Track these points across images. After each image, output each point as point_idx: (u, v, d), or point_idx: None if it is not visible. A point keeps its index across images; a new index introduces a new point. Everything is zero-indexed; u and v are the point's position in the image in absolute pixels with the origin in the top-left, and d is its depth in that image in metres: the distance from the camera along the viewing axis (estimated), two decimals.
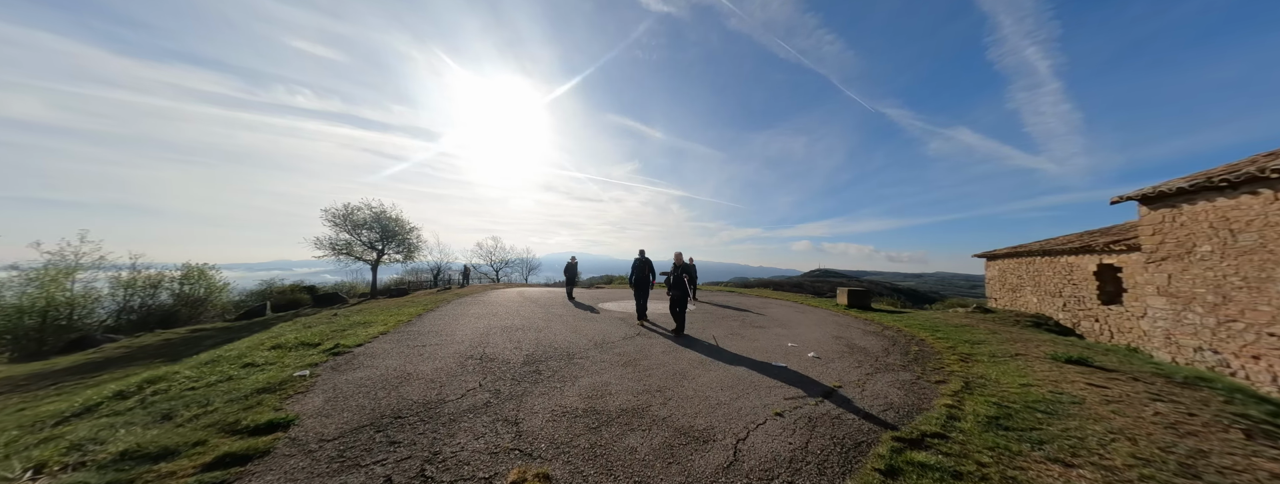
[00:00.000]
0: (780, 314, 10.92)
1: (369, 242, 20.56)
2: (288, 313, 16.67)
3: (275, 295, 18.93)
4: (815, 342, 7.39)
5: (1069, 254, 12.45)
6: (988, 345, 7.29)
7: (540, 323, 8.83)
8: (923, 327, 9.33)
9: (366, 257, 20.66)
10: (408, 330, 8.14)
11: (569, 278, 14.48)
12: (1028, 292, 13.95)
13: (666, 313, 10.23)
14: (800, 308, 12.54)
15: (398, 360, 5.93)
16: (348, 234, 20.06)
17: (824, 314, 11.13)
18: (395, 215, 21.08)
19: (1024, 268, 14.17)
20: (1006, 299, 14.93)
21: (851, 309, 12.66)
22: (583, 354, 6.19)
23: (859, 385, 4.91)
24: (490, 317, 9.60)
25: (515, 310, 10.68)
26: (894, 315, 11.34)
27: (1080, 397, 4.52)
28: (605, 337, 7.48)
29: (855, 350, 6.76)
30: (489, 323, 8.80)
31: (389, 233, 20.87)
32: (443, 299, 13.83)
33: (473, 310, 10.71)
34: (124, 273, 15.85)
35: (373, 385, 4.83)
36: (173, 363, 7.81)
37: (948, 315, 11.70)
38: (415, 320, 9.30)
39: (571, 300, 13.67)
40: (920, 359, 6.29)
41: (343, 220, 19.86)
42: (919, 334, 8.42)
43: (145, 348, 11.89)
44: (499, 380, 4.93)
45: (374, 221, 20.34)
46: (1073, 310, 12.24)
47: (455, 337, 7.47)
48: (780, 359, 6.03)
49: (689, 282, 16.42)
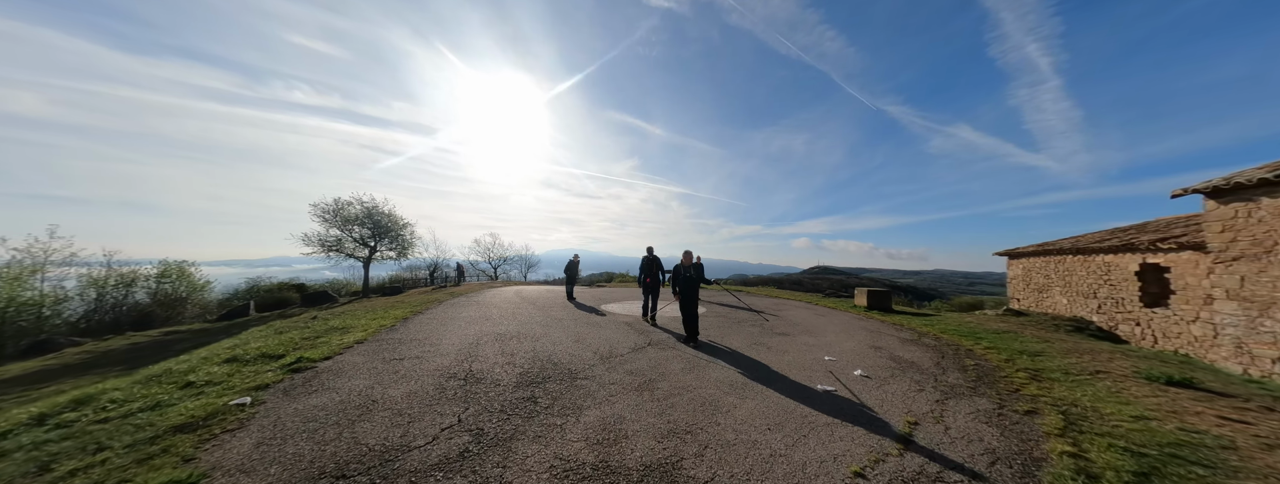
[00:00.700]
0: (800, 318, 9.87)
1: (360, 238, 19.40)
2: (272, 313, 15.56)
3: (262, 294, 17.80)
4: (853, 354, 6.34)
5: (1106, 253, 11.43)
6: (1050, 358, 6.26)
7: (538, 329, 7.76)
8: (960, 332, 8.31)
9: (358, 254, 19.51)
10: (388, 338, 7.06)
11: (569, 276, 13.42)
12: (1056, 292, 12.95)
13: (676, 316, 9.18)
14: (818, 310, 11.50)
15: (366, 380, 4.86)
16: (338, 230, 18.90)
17: (846, 318, 10.09)
18: (388, 211, 19.93)
19: (1052, 267, 13.15)
20: (1031, 300, 13.92)
21: (872, 311, 11.63)
22: (587, 372, 5.12)
23: (936, 419, 3.87)
24: (483, 321, 8.52)
25: (511, 313, 9.61)
26: (921, 319, 10.31)
27: (1227, 439, 3.48)
28: (612, 347, 6.42)
29: (904, 366, 5.71)
30: (480, 329, 7.72)
31: (381, 229, 19.70)
32: (435, 299, 12.75)
33: (464, 313, 9.63)
34: (98, 269, 14.69)
35: (324, 419, 3.76)
36: (131, 372, 6.75)
37: (978, 319, 10.68)
38: (400, 325, 8.22)
39: (572, 301, 12.59)
40: (985, 378, 5.24)
41: (333, 216, 18.70)
42: (962, 342, 7.40)
43: (109, 353, 10.75)
44: (484, 413, 3.86)
45: (365, 217, 19.17)
46: (1109, 313, 11.24)
47: (440, 347, 6.40)
48: (824, 379, 4.98)
49: None
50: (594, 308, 10.80)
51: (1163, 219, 13.17)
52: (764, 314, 10.35)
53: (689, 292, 7.09)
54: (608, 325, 8.27)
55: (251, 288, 18.28)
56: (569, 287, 13.29)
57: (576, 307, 10.99)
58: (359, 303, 15.18)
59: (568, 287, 13.31)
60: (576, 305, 11.27)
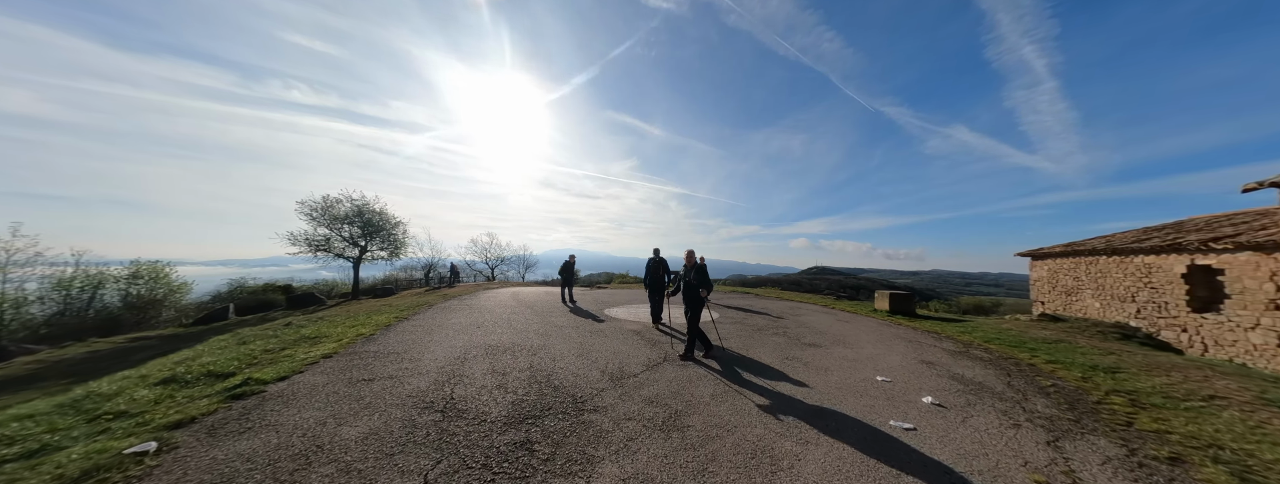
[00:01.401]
0: (822, 324, 8.87)
1: (350, 238, 18.26)
2: (252, 317, 14.43)
3: (244, 296, 16.64)
4: (906, 372, 5.34)
5: (1147, 253, 10.50)
6: (1133, 377, 5.28)
7: (535, 339, 6.71)
8: (1005, 342, 7.33)
9: (348, 254, 18.37)
10: (362, 351, 6.00)
11: (566, 278, 12.37)
12: (1087, 295, 12.02)
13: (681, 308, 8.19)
14: (838, 315, 10.50)
15: (319, 411, 3.81)
16: (327, 229, 17.75)
17: (873, 324, 9.10)
18: (379, 209, 18.78)
19: (1082, 268, 12.22)
20: (1058, 303, 13.00)
21: (896, 316, 10.65)
22: (596, 400, 4.09)
23: (1067, 474, 2.86)
24: (474, 329, 7.46)
25: (506, 319, 8.56)
26: (954, 325, 9.34)
27: None
28: (622, 363, 5.38)
29: (974, 389, 4.71)
30: (470, 339, 6.67)
31: (372, 228, 18.57)
32: (426, 303, 11.67)
33: (455, 319, 8.56)
34: (67, 269, 13.50)
35: (243, 480, 2.72)
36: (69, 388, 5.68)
37: (1017, 325, 9.70)
38: (380, 334, 7.16)
39: (569, 304, 11.55)
40: (1079, 406, 4.25)
41: (321, 214, 17.56)
42: (1017, 355, 6.41)
43: (62, 362, 9.59)
44: (460, 470, 2.82)
45: (355, 216, 18.03)
46: (1149, 318, 10.31)
47: (421, 363, 5.34)
48: (892, 410, 3.97)
49: None
50: (595, 314, 9.75)
51: (1200, 218, 12.29)
52: (783, 319, 9.35)
53: (689, 299, 5.93)
54: (614, 334, 7.24)
55: (234, 289, 17.12)
56: (566, 289, 12.25)
57: (576, 311, 9.95)
58: (346, 306, 14.07)
59: (564, 289, 12.27)
60: (576, 309, 10.23)
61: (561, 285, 12.42)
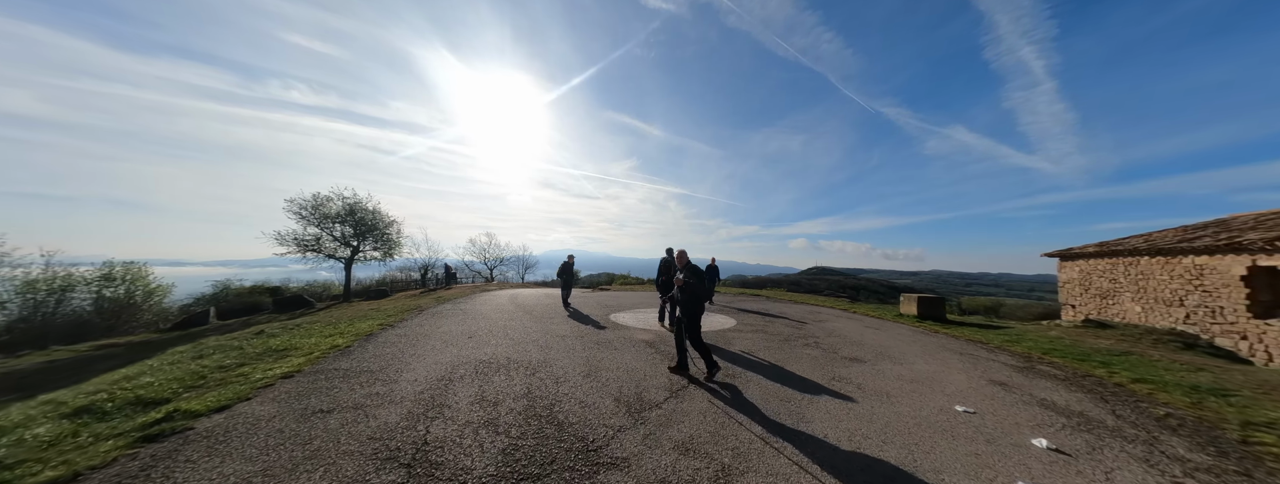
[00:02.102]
0: (853, 332, 7.91)
1: (342, 237, 17.23)
2: (234, 321, 13.41)
3: (229, 299, 15.62)
4: (980, 397, 4.37)
5: (1200, 254, 9.56)
6: (1255, 402, 4.32)
7: (534, 352, 5.73)
8: (1065, 353, 6.38)
9: (339, 254, 17.34)
10: (331, 368, 5.01)
11: (564, 281, 11.38)
12: (1126, 298, 11.08)
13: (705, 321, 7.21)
14: (864, 321, 9.54)
15: (247, 464, 2.82)
16: (317, 228, 16.73)
17: (909, 332, 8.15)
18: (372, 207, 17.76)
19: (1120, 270, 11.28)
20: (1092, 306, 12.06)
21: (926, 321, 9.70)
22: (613, 446, 3.10)
23: None
24: (465, 340, 6.47)
25: (502, 326, 7.57)
26: (994, 332, 8.39)
27: None
28: (639, 387, 4.40)
29: (1082, 423, 3.74)
30: (460, 352, 5.68)
31: (365, 227, 17.55)
32: (417, 306, 10.68)
33: (445, 326, 7.57)
34: (33, 269, 12.46)
35: None
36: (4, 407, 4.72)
37: (1067, 333, 8.73)
38: (357, 345, 6.18)
39: (569, 307, 10.59)
40: (1224, 447, 3.29)
41: (311, 212, 16.54)
42: (1091, 370, 5.46)
43: (13, 375, 8.55)
44: None
45: (347, 214, 17.00)
46: (1201, 323, 9.37)
47: (396, 387, 4.35)
48: (1004, 463, 3.00)
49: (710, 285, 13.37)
50: (600, 319, 8.76)
51: (1246, 215, 11.38)
52: (806, 326, 8.37)
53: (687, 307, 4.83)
54: (624, 346, 6.24)
55: (219, 292, 16.08)
56: (565, 292, 11.27)
57: (578, 317, 8.95)
58: (333, 310, 13.07)
59: (563, 291, 11.29)
60: (577, 315, 9.23)
61: (560, 287, 11.44)
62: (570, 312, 9.87)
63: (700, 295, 4.92)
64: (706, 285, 14.27)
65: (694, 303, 4.78)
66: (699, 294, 4.88)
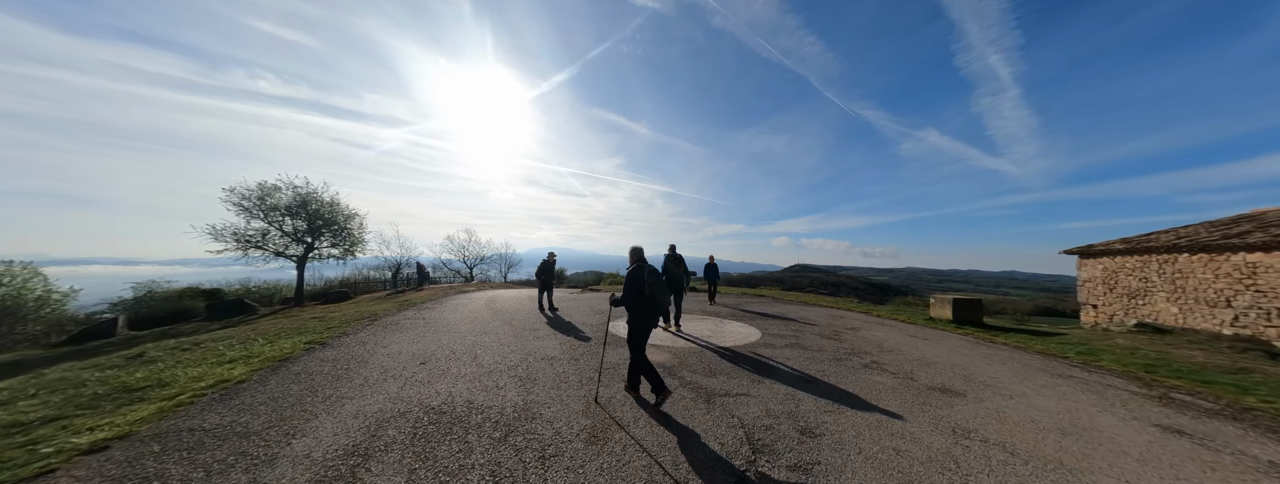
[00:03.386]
0: (906, 346, 6.40)
1: (294, 232, 14.76)
2: (149, 332, 10.95)
3: (153, 304, 13.00)
4: (1187, 465, 2.85)
5: (1253, 250, 8.53)
6: None
7: (511, 390, 3.91)
8: (1181, 374, 5.04)
9: (290, 252, 14.87)
10: (184, 428, 3.08)
11: (544, 281, 9.49)
12: (1160, 298, 10.07)
13: (704, 321, 5.54)
14: (900, 327, 8.08)
15: None
16: (263, 222, 14.22)
17: (970, 345, 6.70)
18: (329, 199, 15.30)
19: (1154, 268, 10.27)
20: (1118, 307, 11.05)
21: (966, 326, 8.35)
22: None
23: None
24: (415, 367, 4.57)
25: (471, 343, 5.68)
26: (1053, 341, 7.06)
27: None
28: (691, 467, 2.69)
29: None
30: (399, 393, 3.80)
31: (322, 221, 15.12)
32: (372, 314, 8.63)
33: (396, 343, 5.62)
34: None
35: None
36: None
37: (1138, 342, 7.47)
38: (255, 379, 4.21)
39: (549, 312, 8.81)
40: None
41: (257, 204, 14.02)
42: (1239, 398, 4.08)
43: None
44: None
45: (299, 206, 14.54)
46: (1253, 326, 8.35)
47: (269, 473, 2.49)
48: None
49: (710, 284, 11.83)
50: (594, 329, 6.95)
51: (1274, 210, 10.57)
52: (842, 335, 6.82)
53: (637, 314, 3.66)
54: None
55: (142, 295, 13.41)
56: (544, 293, 9.43)
57: (566, 327, 7.12)
58: (276, 317, 10.79)
59: (543, 294, 9.45)
60: (563, 323, 7.39)
61: (540, 289, 9.54)
62: (552, 317, 8.03)
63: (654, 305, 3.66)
64: (710, 286, 12.70)
65: (641, 314, 3.61)
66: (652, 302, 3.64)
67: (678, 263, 7.88)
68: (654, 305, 3.60)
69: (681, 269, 7.95)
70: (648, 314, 3.57)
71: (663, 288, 3.66)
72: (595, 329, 6.96)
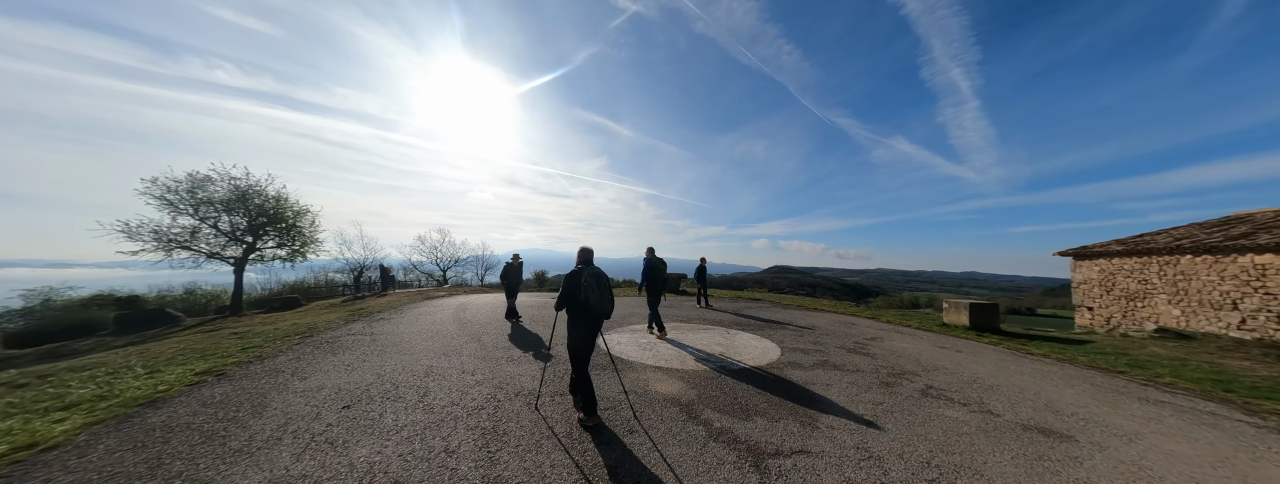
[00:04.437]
0: (946, 361, 5.46)
1: (231, 231, 12.69)
2: (29, 352, 8.83)
3: (52, 314, 10.73)
4: None
5: (1261, 252, 8.17)
6: None
7: (466, 457, 2.60)
8: (1231, 385, 4.29)
9: (228, 253, 12.77)
10: None
11: (509, 286, 7.99)
12: (1160, 301, 9.70)
13: (709, 332, 4.41)
14: (926, 338, 7.21)
15: None
16: (193, 218, 12.11)
17: (1012, 358, 5.84)
18: (274, 193, 13.27)
19: (1154, 270, 9.91)
20: (1115, 309, 10.69)
21: (986, 334, 7.58)
22: None
23: None
24: (335, 414, 3.17)
25: (426, 368, 4.29)
26: (1088, 351, 6.33)
27: None
28: None
29: None
30: (292, 465, 2.44)
31: (266, 218, 13.09)
32: (313, 326, 7.04)
33: (323, 371, 4.15)
34: None
35: None
36: None
37: (1168, 348, 6.84)
38: (106, 429, 2.74)
39: (513, 319, 7.52)
40: None
41: (184, 197, 11.90)
42: None
43: None
44: None
45: (236, 201, 12.49)
46: (1262, 329, 7.97)
47: None
48: None
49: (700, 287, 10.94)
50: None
51: (1268, 210, 10.47)
52: (867, 347, 5.83)
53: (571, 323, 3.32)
54: (660, 426, 3.28)
55: (36, 305, 11.08)
56: (511, 300, 7.97)
57: (542, 345, 5.80)
58: (194, 333, 8.92)
59: (509, 300, 7.97)
60: (535, 338, 6.06)
61: (506, 295, 8.06)
62: (513, 328, 6.67)
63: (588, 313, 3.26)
64: (701, 288, 11.65)
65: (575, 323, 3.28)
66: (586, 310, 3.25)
67: (658, 267, 6.88)
68: (588, 313, 3.21)
69: (662, 273, 6.92)
70: (581, 324, 3.23)
71: (600, 294, 3.26)
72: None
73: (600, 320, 3.29)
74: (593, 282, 3.24)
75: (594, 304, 3.20)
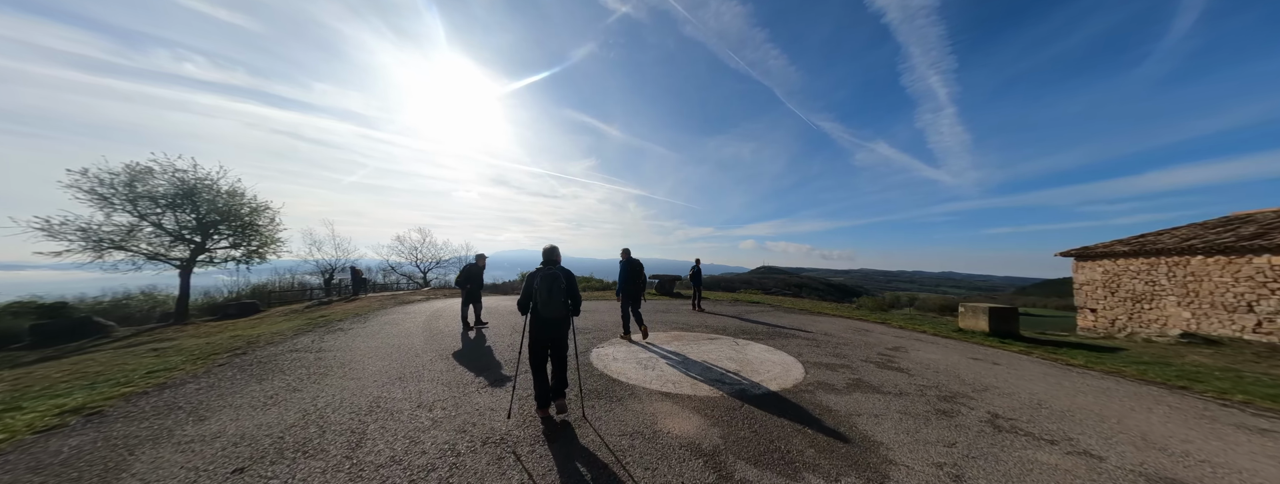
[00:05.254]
0: (991, 377, 4.74)
1: (176, 230, 11.27)
2: None
3: None
4: None
5: (1278, 253, 7.81)
6: None
7: None
8: None
9: (173, 254, 11.34)
10: None
11: (469, 291, 6.80)
12: (1169, 303, 9.33)
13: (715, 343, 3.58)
14: (955, 346, 6.52)
15: None
16: (131, 215, 10.67)
17: (1053, 371, 5.17)
18: (227, 188, 11.88)
19: (1163, 270, 9.54)
20: (1120, 311, 10.32)
21: (1009, 341, 6.96)
22: None
23: None
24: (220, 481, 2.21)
25: (371, 401, 3.27)
26: (1123, 360, 5.73)
27: None
28: None
29: None
30: None
31: (217, 215, 11.69)
32: (253, 340, 5.91)
33: (232, 407, 3.09)
34: None
35: None
36: None
37: (1203, 356, 6.30)
38: None
39: (472, 328, 6.65)
40: None
41: (119, 191, 10.46)
42: None
43: None
44: None
45: (182, 197, 11.08)
46: (1279, 332, 7.63)
47: None
48: None
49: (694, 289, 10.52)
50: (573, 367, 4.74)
51: (1268, 210, 10.27)
52: (893, 360, 5.09)
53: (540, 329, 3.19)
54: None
55: None
56: (468, 307, 6.83)
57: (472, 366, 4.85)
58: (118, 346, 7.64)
59: (466, 309, 6.82)
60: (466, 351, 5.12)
61: (463, 301, 6.89)
62: (491, 341, 5.70)
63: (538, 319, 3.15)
64: (696, 290, 10.85)
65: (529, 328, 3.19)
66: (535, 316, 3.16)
67: (634, 268, 6.31)
68: (536, 318, 3.17)
69: (639, 275, 6.38)
70: (532, 328, 3.18)
71: (549, 297, 3.15)
72: (578, 357, 4.76)
73: (554, 326, 3.14)
74: (544, 283, 3.10)
75: (541, 307, 3.09)
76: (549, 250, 3.43)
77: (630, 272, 6.28)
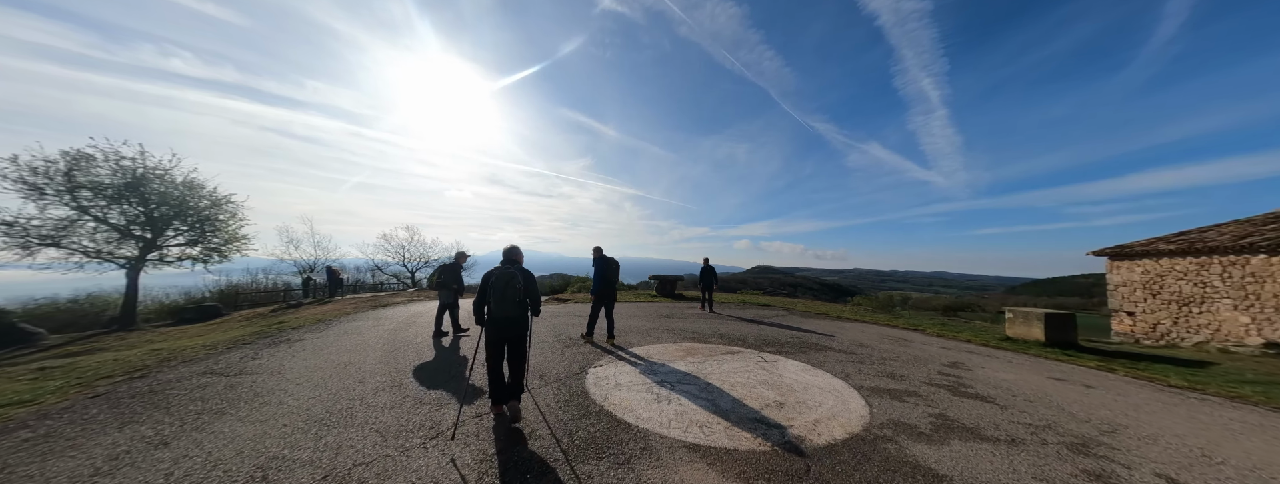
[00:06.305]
0: (1098, 409, 3.68)
1: (122, 224, 9.97)
2: None
3: None
4: None
5: None
6: None
7: None
8: None
9: (120, 252, 10.04)
10: None
11: (454, 289, 5.94)
12: (1222, 307, 8.38)
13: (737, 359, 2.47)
14: (1022, 362, 5.47)
15: None
16: (72, 208, 9.37)
17: (1161, 396, 4.14)
18: (182, 178, 10.58)
19: (1216, 271, 8.59)
20: (1164, 315, 9.37)
21: (1072, 353, 5.93)
22: None
23: None
24: None
25: (250, 472, 2.15)
26: (1213, 375, 4.71)
27: None
28: None
29: None
30: None
31: (170, 209, 10.39)
32: (190, 351, 4.71)
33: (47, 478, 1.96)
34: None
35: None
36: None
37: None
38: None
39: (447, 334, 5.66)
40: None
41: (55, 181, 9.16)
42: None
43: None
44: None
45: (129, 188, 9.77)
46: None
47: None
48: None
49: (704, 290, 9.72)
50: (567, 401, 3.62)
51: None
52: (961, 384, 4.03)
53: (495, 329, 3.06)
54: None
55: None
56: (442, 314, 5.82)
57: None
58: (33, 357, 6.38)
59: (439, 314, 5.82)
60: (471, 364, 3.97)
61: (440, 306, 5.89)
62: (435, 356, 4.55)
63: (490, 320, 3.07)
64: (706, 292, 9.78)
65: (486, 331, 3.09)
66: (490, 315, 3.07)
67: (610, 267, 5.77)
68: (489, 320, 3.04)
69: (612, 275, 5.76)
70: (489, 329, 3.05)
71: (504, 300, 3.02)
72: (568, 381, 3.62)
73: (509, 325, 3.02)
74: (500, 282, 3.02)
75: (494, 306, 3.03)
76: (509, 250, 3.35)
77: (604, 271, 5.70)
